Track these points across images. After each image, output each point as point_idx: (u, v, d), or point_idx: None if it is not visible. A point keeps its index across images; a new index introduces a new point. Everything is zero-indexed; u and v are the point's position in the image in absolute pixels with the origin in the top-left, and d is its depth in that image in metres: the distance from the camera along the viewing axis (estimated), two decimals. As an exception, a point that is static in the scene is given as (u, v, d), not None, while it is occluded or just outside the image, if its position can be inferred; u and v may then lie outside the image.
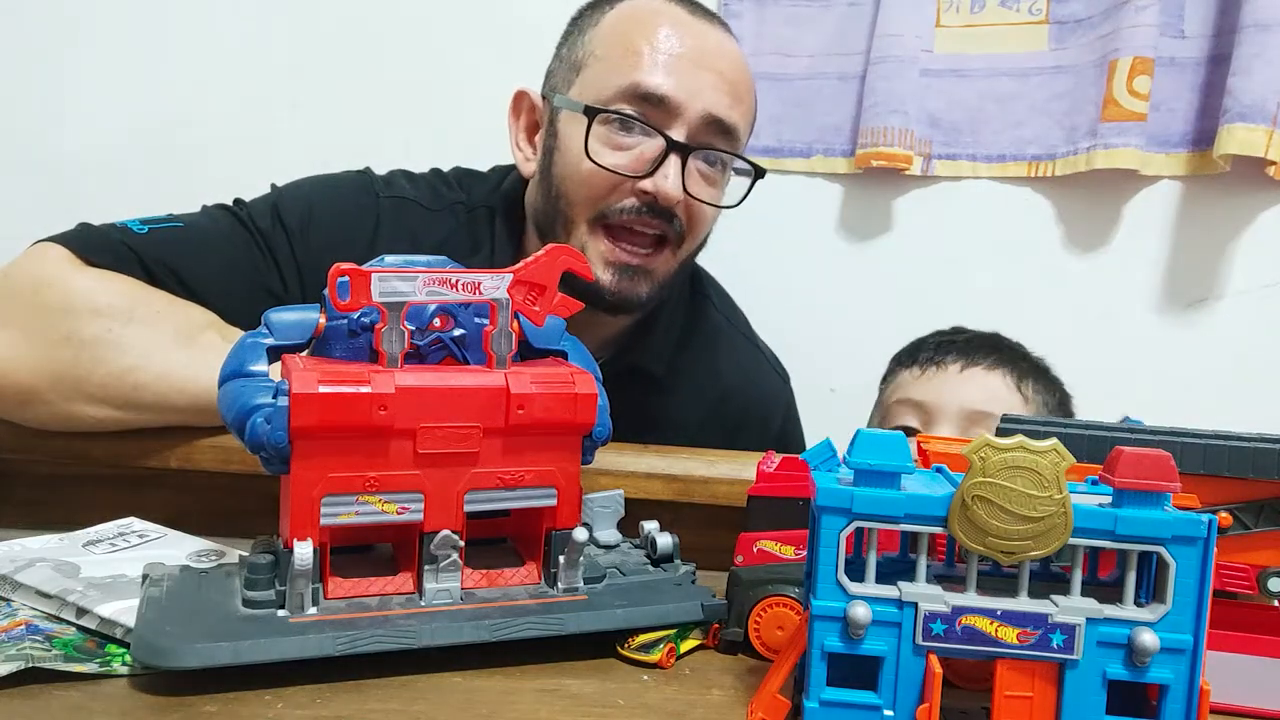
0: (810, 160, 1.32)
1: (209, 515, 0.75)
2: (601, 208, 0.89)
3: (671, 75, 0.87)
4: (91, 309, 0.76)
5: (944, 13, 1.28)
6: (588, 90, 0.90)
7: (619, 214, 0.89)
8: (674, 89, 0.87)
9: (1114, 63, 1.19)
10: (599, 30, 0.92)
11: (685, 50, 0.88)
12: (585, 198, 0.89)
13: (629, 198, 0.88)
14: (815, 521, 0.47)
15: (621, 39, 0.90)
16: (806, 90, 1.31)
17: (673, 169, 0.87)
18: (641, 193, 0.88)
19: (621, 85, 0.87)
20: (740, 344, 1.11)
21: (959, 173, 1.30)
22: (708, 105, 0.88)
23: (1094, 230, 1.29)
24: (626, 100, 0.87)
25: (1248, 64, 1.14)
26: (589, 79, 0.91)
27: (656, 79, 0.87)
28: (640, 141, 0.88)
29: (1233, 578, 0.54)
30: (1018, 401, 0.92)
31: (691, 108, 0.88)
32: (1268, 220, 1.24)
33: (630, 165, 0.88)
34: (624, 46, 0.89)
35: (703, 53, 0.89)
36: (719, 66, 0.90)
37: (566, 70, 0.94)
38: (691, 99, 0.87)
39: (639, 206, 0.88)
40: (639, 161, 0.88)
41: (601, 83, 0.89)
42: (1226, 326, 1.26)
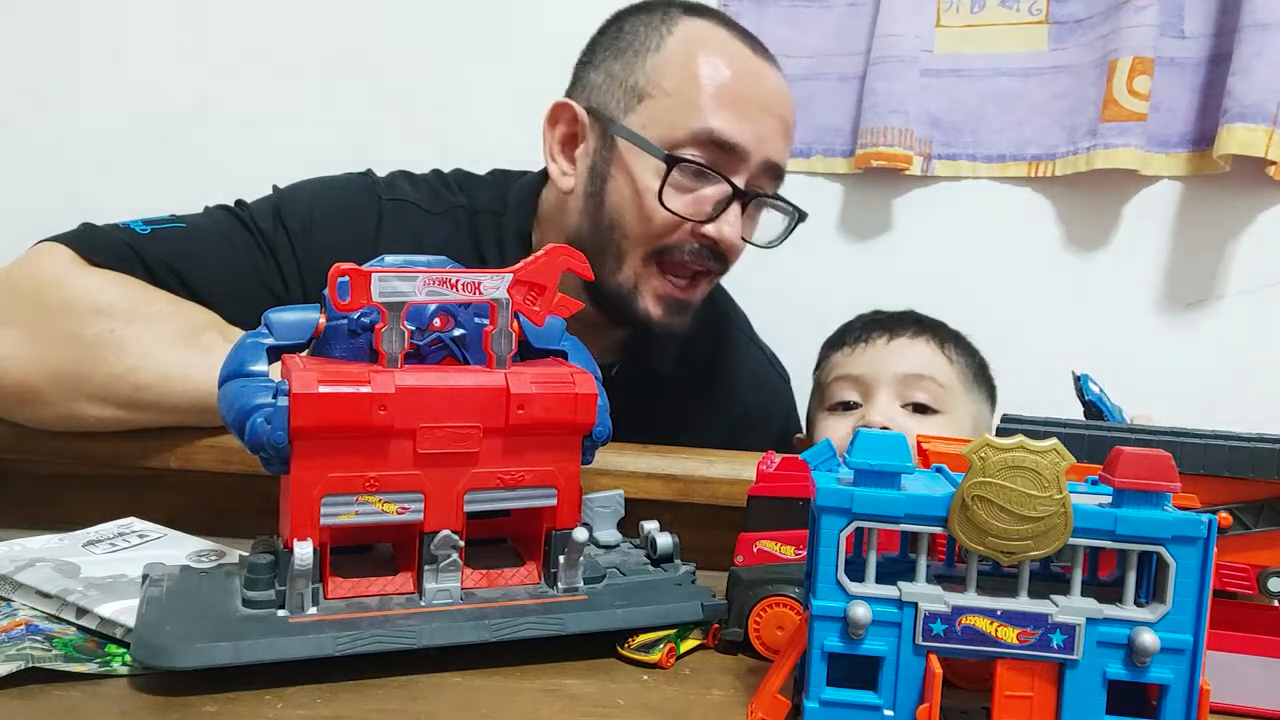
0: (810, 160, 1.32)
1: (209, 515, 0.75)
2: (659, 245, 0.89)
3: (742, 122, 0.87)
4: (93, 308, 0.76)
5: (944, 13, 1.28)
6: (654, 124, 0.88)
7: (676, 253, 0.89)
8: (744, 137, 0.87)
9: (1114, 63, 1.19)
10: (663, 59, 0.89)
11: (752, 94, 0.88)
12: (645, 234, 0.89)
13: (689, 240, 0.89)
14: (815, 521, 0.47)
15: (690, 75, 0.88)
16: (806, 90, 1.31)
17: (734, 216, 0.88)
18: (703, 236, 0.89)
19: (695, 128, 0.87)
20: (744, 344, 1.12)
21: (959, 173, 1.31)
22: (770, 153, 0.89)
23: (1094, 230, 1.29)
24: (698, 144, 0.87)
25: (1248, 64, 1.14)
26: (655, 112, 0.88)
27: (730, 125, 0.87)
28: (703, 185, 0.88)
29: (1233, 578, 0.54)
30: (943, 363, 0.96)
31: (756, 155, 0.88)
32: (1268, 220, 1.24)
33: (694, 210, 0.88)
34: (693, 84, 0.87)
35: (767, 98, 0.89)
36: (779, 111, 0.90)
37: (623, 94, 0.91)
38: (758, 147, 0.88)
39: (699, 249, 0.89)
40: (701, 205, 0.88)
41: (671, 119, 0.88)
42: (1226, 326, 1.27)
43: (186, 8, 1.34)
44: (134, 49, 1.34)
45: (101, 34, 1.34)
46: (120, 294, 0.78)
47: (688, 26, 0.91)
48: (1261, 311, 1.26)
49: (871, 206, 1.33)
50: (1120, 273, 1.29)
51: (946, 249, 1.32)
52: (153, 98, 1.34)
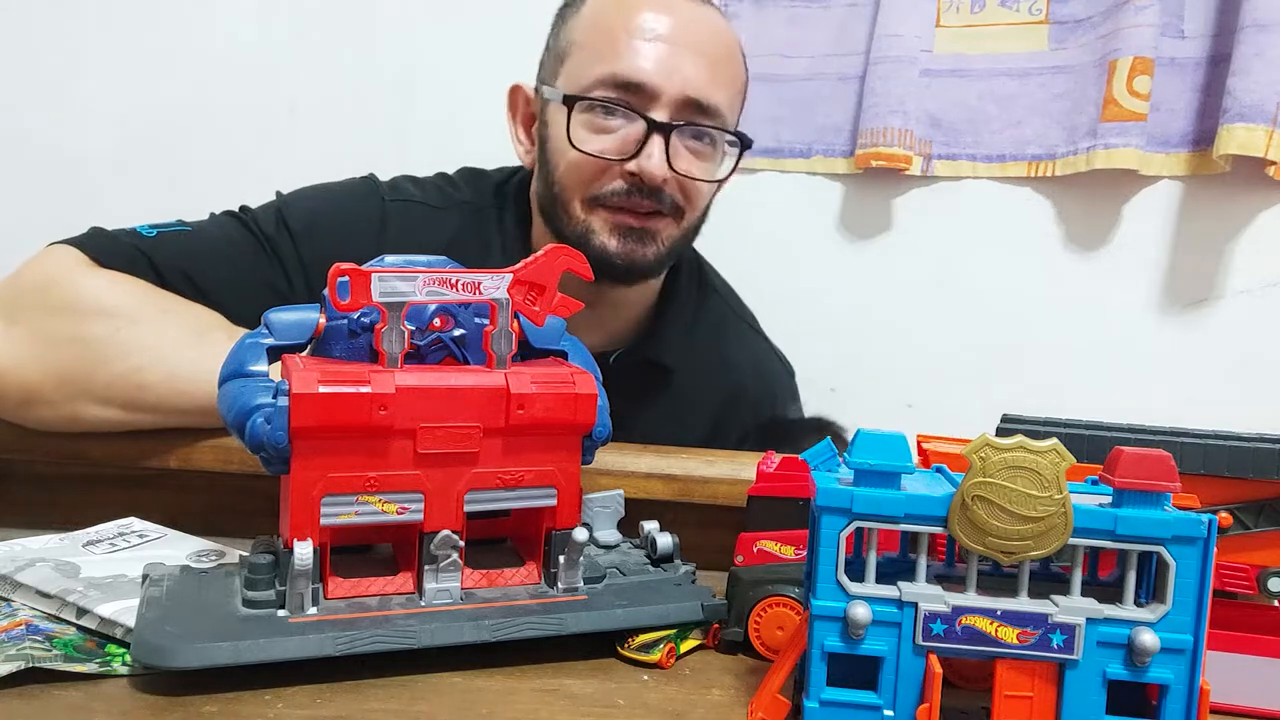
0: (810, 160, 1.32)
1: (209, 515, 0.75)
2: (593, 190, 0.90)
3: (648, 60, 0.88)
4: (98, 309, 0.76)
5: (944, 13, 1.28)
6: (570, 80, 0.91)
7: (610, 196, 0.90)
8: (650, 74, 0.88)
9: (1114, 63, 1.19)
10: (580, 18, 0.93)
11: (662, 32, 0.89)
12: (576, 182, 0.90)
13: (617, 180, 0.90)
14: (815, 521, 0.47)
15: (600, 26, 0.91)
16: (806, 90, 1.31)
17: (656, 149, 0.88)
18: (628, 174, 0.89)
19: (600, 74, 0.89)
20: (747, 334, 1.12)
21: (959, 173, 1.30)
22: (685, 85, 0.89)
23: (1094, 230, 1.29)
24: (605, 87, 0.89)
25: (1248, 64, 1.14)
26: (571, 69, 0.92)
27: (633, 64, 0.88)
28: (622, 125, 0.89)
29: (1233, 578, 0.54)
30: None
31: (669, 89, 0.88)
32: (1268, 220, 1.24)
33: (614, 149, 0.89)
34: (602, 33, 0.90)
35: (680, 32, 0.90)
36: (697, 45, 0.90)
37: (552, 61, 0.95)
38: (668, 80, 0.88)
39: (627, 188, 0.90)
40: (623, 144, 0.89)
41: (581, 71, 0.90)
42: (1226, 326, 1.26)
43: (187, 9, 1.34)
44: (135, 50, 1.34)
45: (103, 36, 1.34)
46: (125, 295, 0.78)
47: None
48: (1261, 311, 1.26)
49: (871, 206, 1.33)
50: (1120, 273, 1.29)
51: (946, 249, 1.32)
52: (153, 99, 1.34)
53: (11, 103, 1.34)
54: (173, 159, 1.34)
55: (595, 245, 0.90)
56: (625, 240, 0.91)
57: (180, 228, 0.89)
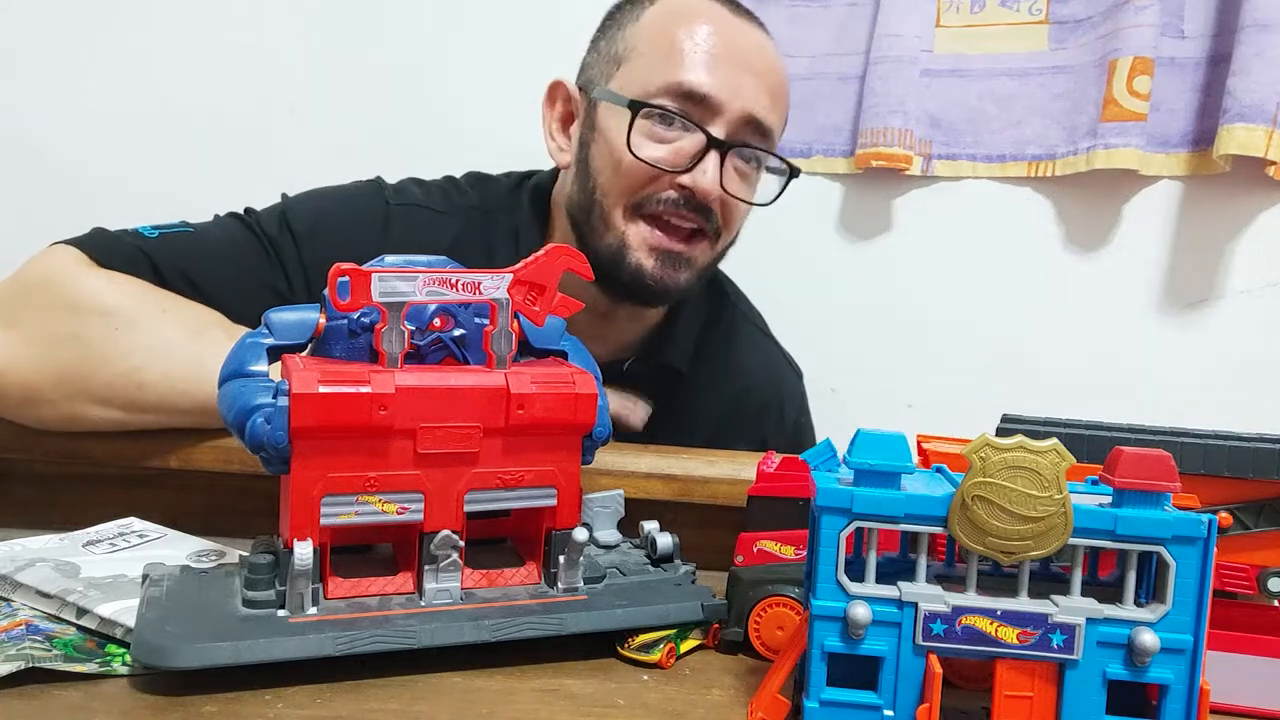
0: (810, 160, 1.32)
1: (209, 515, 0.75)
2: (639, 197, 0.90)
3: (714, 74, 0.88)
4: (99, 308, 0.76)
5: (944, 13, 1.28)
6: (629, 84, 0.90)
7: (656, 204, 0.89)
8: (716, 87, 0.88)
9: (1114, 63, 1.19)
10: (640, 26, 0.92)
11: (727, 50, 0.89)
12: (624, 188, 0.90)
13: (667, 190, 0.89)
14: (815, 521, 0.47)
15: (664, 35, 0.90)
16: (806, 90, 1.31)
17: (711, 165, 0.88)
18: (680, 186, 0.89)
19: (665, 81, 0.88)
20: (757, 338, 1.12)
21: (959, 173, 1.30)
22: (747, 105, 0.89)
23: (1094, 230, 1.29)
24: (669, 96, 0.88)
25: (1248, 64, 1.14)
26: (631, 73, 0.91)
27: (699, 76, 0.88)
28: (680, 136, 0.89)
29: (1233, 578, 0.54)
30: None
31: (731, 107, 0.88)
32: (1268, 220, 1.24)
33: (670, 160, 0.88)
34: (667, 43, 0.89)
35: (744, 53, 0.90)
36: (759, 68, 0.90)
37: (605, 64, 0.94)
38: (732, 98, 0.88)
39: (677, 199, 0.89)
40: (679, 156, 0.89)
41: (644, 77, 0.90)
42: (1226, 326, 1.26)
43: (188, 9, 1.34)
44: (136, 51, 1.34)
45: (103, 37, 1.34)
46: (126, 294, 0.79)
47: None
48: (1261, 311, 1.26)
49: (871, 206, 1.33)
50: (1120, 273, 1.29)
51: (946, 249, 1.32)
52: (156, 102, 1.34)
53: (12, 103, 1.34)
54: (173, 159, 1.34)
55: (630, 262, 0.89)
56: (661, 264, 0.90)
57: (183, 229, 0.89)
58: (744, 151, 0.91)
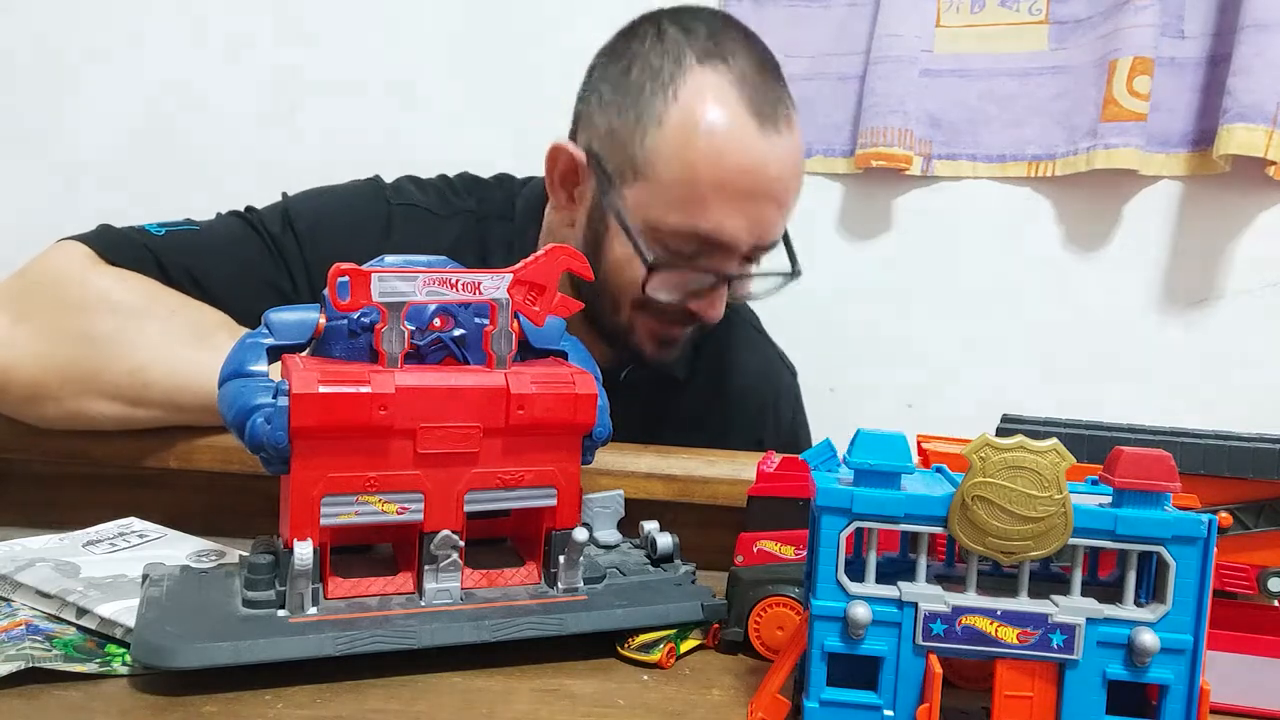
0: (810, 160, 1.32)
1: (209, 515, 0.75)
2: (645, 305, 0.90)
3: (734, 218, 0.84)
4: (107, 305, 0.77)
5: (944, 13, 1.28)
6: (644, 208, 0.86)
7: (663, 315, 0.91)
8: (736, 234, 0.85)
9: (1114, 63, 1.19)
10: (663, 137, 0.85)
11: (751, 188, 0.85)
12: (632, 299, 0.90)
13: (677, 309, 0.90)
14: (815, 521, 0.47)
15: (686, 167, 0.84)
16: (806, 90, 1.31)
17: (720, 298, 0.90)
18: (687, 310, 0.90)
19: (682, 226, 0.85)
20: (752, 337, 1.12)
21: (959, 173, 1.30)
22: (763, 238, 0.88)
23: (1094, 230, 1.29)
24: (685, 239, 0.86)
25: (1248, 64, 1.14)
26: (648, 197, 0.86)
27: (719, 225, 0.85)
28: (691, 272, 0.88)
29: (1233, 578, 0.54)
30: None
31: (746, 243, 0.87)
32: (1268, 220, 1.24)
33: (680, 293, 0.89)
34: (688, 180, 0.84)
35: (767, 184, 0.86)
36: (780, 193, 0.87)
37: (619, 157, 0.87)
38: (750, 238, 0.86)
39: (683, 316, 0.91)
40: (689, 289, 0.89)
41: (661, 211, 0.85)
42: (1226, 326, 1.26)
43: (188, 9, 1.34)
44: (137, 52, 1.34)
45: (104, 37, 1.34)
46: (133, 292, 0.79)
47: (694, 92, 0.85)
48: (1261, 311, 1.26)
49: (871, 206, 1.33)
50: (1120, 273, 1.29)
51: (946, 249, 1.32)
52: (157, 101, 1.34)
53: (13, 103, 1.34)
54: (173, 159, 1.34)
55: (631, 344, 0.93)
56: (660, 348, 0.93)
57: (189, 227, 0.89)
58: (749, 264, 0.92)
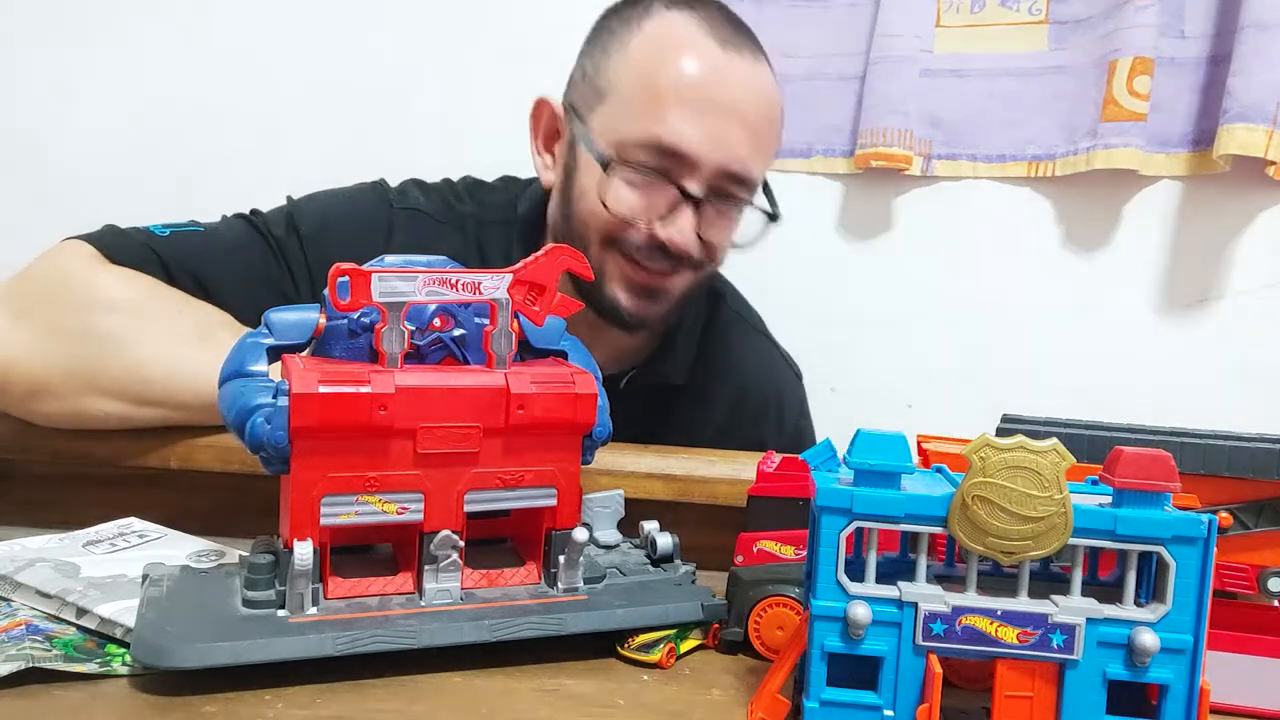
0: (810, 160, 1.32)
1: (209, 515, 0.75)
2: (615, 237, 0.89)
3: (694, 127, 0.84)
4: (109, 304, 0.77)
5: (944, 13, 1.28)
6: (607, 127, 0.88)
7: (631, 247, 0.89)
8: (693, 144, 0.84)
9: (1114, 63, 1.19)
10: (625, 57, 0.88)
11: (712, 97, 0.85)
12: (599, 228, 0.89)
13: (642, 239, 0.88)
14: (815, 521, 0.47)
15: (645, 76, 0.86)
16: (806, 90, 1.31)
17: (686, 220, 0.87)
18: (653, 237, 0.87)
19: (640, 135, 0.85)
20: (756, 339, 1.12)
21: (959, 173, 1.30)
22: (727, 159, 0.86)
23: (1094, 230, 1.29)
24: (646, 149, 0.85)
25: (1248, 64, 1.14)
26: (609, 114, 0.88)
27: (678, 132, 0.84)
28: (654, 188, 0.87)
29: (1233, 578, 0.54)
30: None
31: (710, 161, 0.86)
32: (1268, 220, 1.24)
33: (643, 211, 0.87)
34: (647, 87, 0.86)
35: (730, 99, 0.86)
36: (745, 113, 0.87)
37: (589, 91, 0.91)
38: (711, 152, 0.85)
39: (650, 248, 0.88)
40: (652, 207, 0.87)
41: (621, 124, 0.87)
42: (1226, 326, 1.26)
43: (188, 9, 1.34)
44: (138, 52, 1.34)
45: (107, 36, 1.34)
46: (136, 291, 0.79)
47: (659, 23, 0.88)
48: (1261, 311, 1.25)
49: (871, 206, 1.33)
50: (1120, 273, 1.28)
51: (946, 249, 1.32)
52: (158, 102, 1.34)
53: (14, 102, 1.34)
54: (174, 159, 1.33)
55: (606, 294, 0.89)
56: (638, 298, 0.90)
57: (193, 228, 0.90)
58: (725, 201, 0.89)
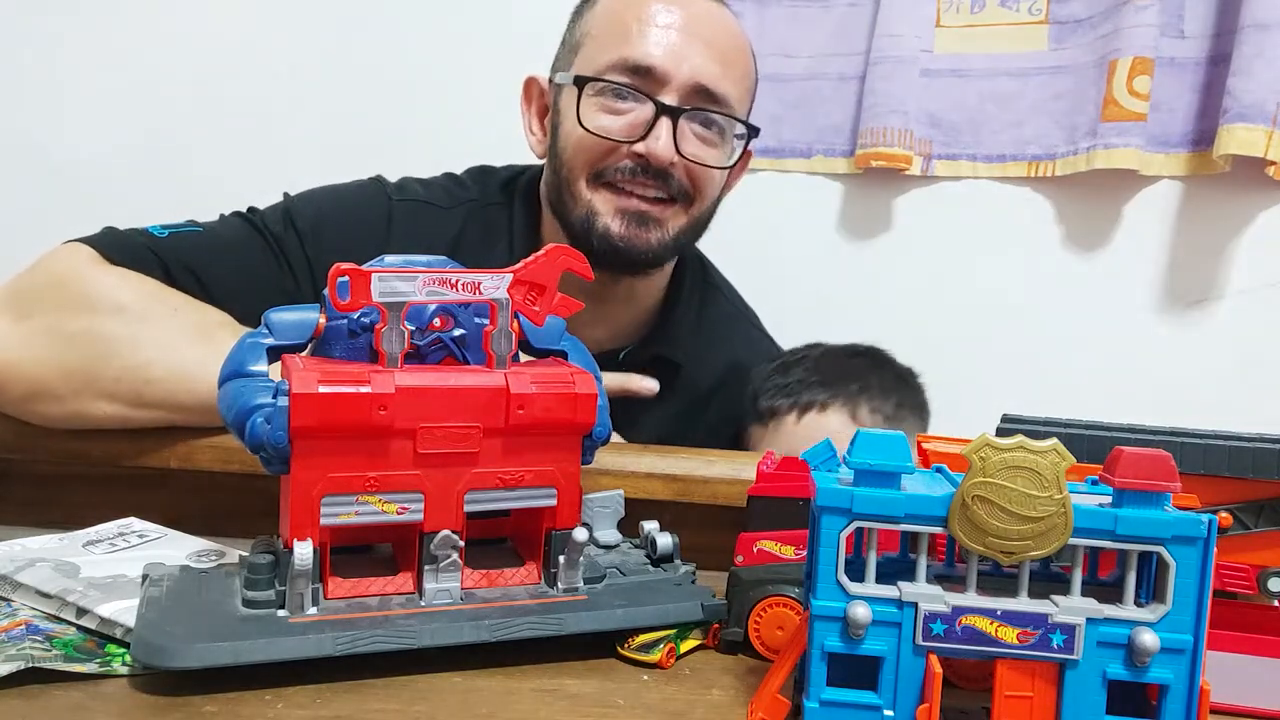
0: (810, 160, 1.32)
1: (209, 515, 0.75)
2: (599, 167, 0.92)
3: (658, 46, 0.91)
4: (110, 305, 0.77)
5: (944, 13, 1.28)
6: (582, 66, 0.94)
7: (615, 174, 0.92)
8: (660, 59, 0.90)
9: (1114, 63, 1.19)
10: (594, 12, 0.96)
11: (673, 21, 0.92)
12: (584, 161, 0.92)
13: (624, 160, 0.92)
14: (815, 521, 0.47)
15: (613, 15, 0.94)
16: (806, 90, 1.31)
17: (664, 131, 0.90)
18: (635, 155, 0.91)
19: (611, 59, 0.91)
20: (751, 333, 1.13)
21: (959, 173, 1.31)
22: (695, 72, 0.91)
23: (1094, 230, 1.29)
24: (617, 71, 0.91)
25: (1248, 64, 1.14)
26: (584, 56, 0.95)
27: (643, 50, 0.91)
28: (631, 108, 0.91)
29: (1233, 578, 0.54)
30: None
31: (679, 75, 0.91)
32: (1268, 220, 1.24)
33: (623, 130, 0.91)
34: (614, 22, 0.93)
35: (691, 23, 0.92)
36: (707, 35, 0.93)
37: (566, 53, 0.98)
38: (678, 67, 0.91)
39: (634, 168, 0.92)
40: (631, 127, 0.91)
41: (594, 58, 0.93)
42: (1227, 326, 1.27)
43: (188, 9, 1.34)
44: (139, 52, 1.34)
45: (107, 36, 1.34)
46: (136, 292, 0.79)
47: None
48: (1261, 311, 1.26)
49: (871, 206, 1.33)
50: (1120, 273, 1.29)
51: (946, 249, 1.32)
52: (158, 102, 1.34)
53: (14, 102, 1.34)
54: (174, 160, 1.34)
55: (599, 228, 0.92)
56: (629, 224, 0.92)
57: (191, 228, 0.90)
58: (701, 116, 0.93)
